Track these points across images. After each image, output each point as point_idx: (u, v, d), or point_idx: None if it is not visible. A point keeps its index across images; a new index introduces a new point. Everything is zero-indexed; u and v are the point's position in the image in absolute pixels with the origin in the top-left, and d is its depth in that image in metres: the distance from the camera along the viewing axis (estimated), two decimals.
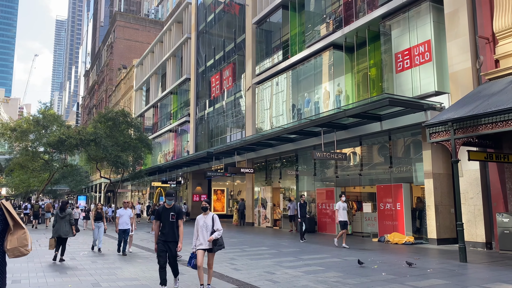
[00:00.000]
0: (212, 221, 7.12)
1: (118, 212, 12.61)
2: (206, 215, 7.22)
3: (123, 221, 12.45)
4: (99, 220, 13.65)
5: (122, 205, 12.95)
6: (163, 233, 7.32)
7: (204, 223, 7.12)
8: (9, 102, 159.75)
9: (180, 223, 7.41)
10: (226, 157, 26.84)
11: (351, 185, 19.59)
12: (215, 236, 6.98)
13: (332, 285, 7.72)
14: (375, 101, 13.61)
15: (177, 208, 7.47)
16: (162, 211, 7.43)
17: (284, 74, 22.96)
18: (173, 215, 7.35)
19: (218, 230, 7.07)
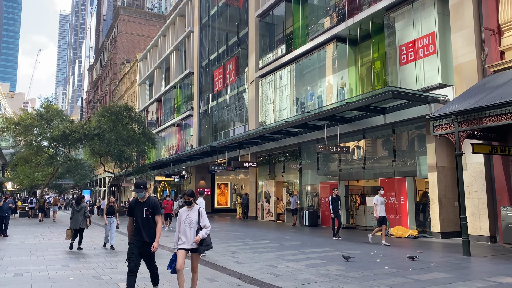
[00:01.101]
0: (198, 216, 6.06)
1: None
2: (191, 208, 6.16)
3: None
4: (112, 214, 12.69)
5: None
6: (137, 232, 6.17)
7: (187, 217, 6.07)
8: (14, 97, 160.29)
9: (157, 219, 6.27)
10: (229, 151, 26.81)
11: (354, 179, 19.51)
12: (202, 235, 5.91)
13: (333, 278, 7.69)
14: (379, 94, 13.50)
15: (151, 202, 6.29)
16: (134, 206, 6.28)
17: (288, 67, 22.84)
18: (147, 210, 6.21)
19: (206, 227, 6.00)
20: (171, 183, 40.22)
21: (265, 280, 7.57)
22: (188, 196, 6.18)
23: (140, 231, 6.15)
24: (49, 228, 19.54)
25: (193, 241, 5.90)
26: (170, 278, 7.78)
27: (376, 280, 7.53)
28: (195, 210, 6.14)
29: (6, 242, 13.50)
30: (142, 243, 6.13)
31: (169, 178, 36.80)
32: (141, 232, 6.14)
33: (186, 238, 6.00)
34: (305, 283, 7.35)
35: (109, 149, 30.22)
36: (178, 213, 6.21)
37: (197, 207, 6.15)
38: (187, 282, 6.69)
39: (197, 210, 6.11)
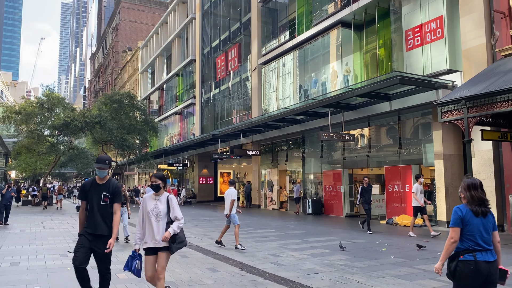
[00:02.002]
0: (167, 206, 4.87)
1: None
2: (159, 196, 4.94)
3: None
4: (123, 204, 11.43)
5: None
6: (90, 222, 4.91)
7: (154, 207, 4.83)
8: (16, 85, 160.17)
9: (116, 208, 5.01)
10: (232, 139, 26.55)
11: (358, 167, 19.23)
12: (174, 230, 4.72)
13: (338, 268, 7.46)
14: (385, 80, 13.14)
15: (112, 186, 5.04)
16: (89, 188, 5.01)
17: (291, 54, 22.42)
18: (106, 196, 4.97)
19: (178, 220, 4.82)
20: (174, 172, 40.09)
21: (268, 270, 7.35)
22: (157, 178, 4.93)
23: (94, 221, 4.88)
24: (50, 217, 19.43)
25: (161, 238, 4.71)
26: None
27: (382, 270, 7.30)
28: (164, 198, 4.92)
29: (6, 231, 13.36)
30: (94, 237, 4.85)
31: (171, 167, 36.66)
32: (95, 223, 4.87)
33: (152, 234, 4.76)
34: (309, 273, 7.13)
35: (111, 137, 30.04)
36: (143, 201, 4.98)
37: (166, 195, 4.97)
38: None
39: (166, 198, 4.92)
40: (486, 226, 3.51)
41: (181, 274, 7.05)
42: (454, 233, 3.51)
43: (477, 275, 3.40)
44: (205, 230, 13.70)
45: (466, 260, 3.45)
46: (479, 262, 3.41)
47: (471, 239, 3.47)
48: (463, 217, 3.52)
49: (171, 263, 7.96)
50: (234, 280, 6.63)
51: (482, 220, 3.51)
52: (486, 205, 3.55)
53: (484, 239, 3.48)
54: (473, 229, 3.47)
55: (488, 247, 3.48)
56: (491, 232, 3.54)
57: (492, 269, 3.45)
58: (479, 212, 3.51)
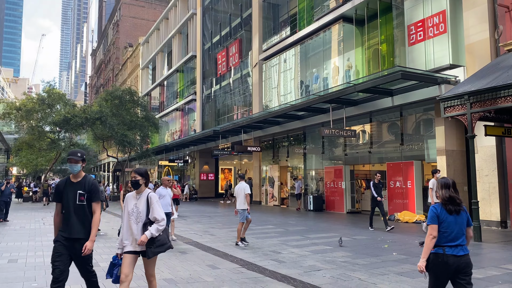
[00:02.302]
0: (146, 206, 4.37)
1: (158, 192, 9.96)
2: (139, 194, 4.45)
3: (166, 202, 10.01)
4: None
5: (162, 183, 10.45)
6: (65, 225, 4.41)
7: (134, 208, 4.39)
8: (18, 82, 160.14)
9: (95, 208, 4.51)
10: (233, 136, 26.44)
11: (360, 163, 19.14)
12: (151, 233, 4.23)
13: (340, 265, 7.37)
14: (387, 75, 13.01)
15: (88, 183, 4.52)
16: (64, 188, 4.50)
17: (292, 49, 22.27)
18: (81, 194, 4.45)
19: (158, 221, 4.31)
20: (175, 168, 40.03)
21: (268, 267, 7.27)
22: (137, 174, 4.45)
23: (70, 223, 4.38)
24: (51, 213, 19.37)
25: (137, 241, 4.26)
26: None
27: (385, 267, 7.21)
28: (143, 197, 4.40)
29: (5, 227, 13.30)
30: (71, 242, 4.36)
31: (172, 163, 36.59)
32: (71, 225, 4.37)
33: (131, 236, 4.33)
34: (310, 270, 7.04)
35: (112, 133, 29.96)
36: (125, 200, 4.53)
37: (147, 193, 4.43)
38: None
39: (146, 197, 4.39)
40: (460, 223, 3.79)
41: (180, 271, 6.97)
42: (432, 230, 3.78)
43: (445, 267, 3.71)
44: (205, 227, 13.63)
45: (436, 252, 3.75)
46: (448, 255, 3.71)
47: (444, 235, 3.75)
48: (438, 214, 3.80)
49: (170, 260, 7.88)
50: (234, 277, 6.55)
51: (456, 218, 3.78)
52: (458, 203, 3.80)
53: (457, 235, 3.76)
54: (447, 226, 3.76)
55: (460, 243, 3.75)
56: (465, 228, 3.82)
57: (461, 262, 3.70)
58: (453, 210, 3.79)
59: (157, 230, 4.27)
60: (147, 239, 4.22)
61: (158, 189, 10.17)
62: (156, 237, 4.27)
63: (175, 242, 10.10)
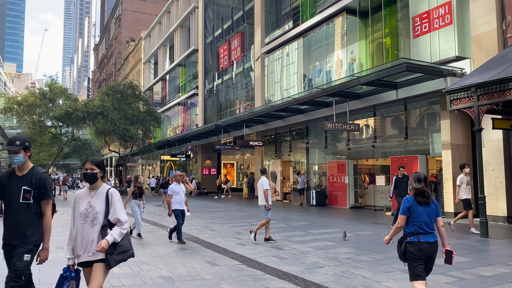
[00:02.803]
0: (105, 205, 3.60)
1: (172, 188, 9.47)
2: (95, 190, 3.65)
3: (180, 199, 9.45)
4: (140, 197, 10.71)
5: (174, 179, 9.88)
6: (5, 227, 3.68)
7: (89, 207, 3.58)
8: (21, 77, 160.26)
9: (45, 208, 3.76)
10: (235, 130, 26.22)
11: (363, 158, 18.88)
12: (114, 238, 3.51)
13: (343, 262, 7.16)
14: (391, 67, 12.72)
15: (36, 178, 3.72)
16: (6, 182, 3.73)
17: (295, 42, 21.96)
18: (27, 191, 3.67)
19: (121, 224, 3.59)
20: (177, 163, 39.88)
21: (269, 264, 7.06)
22: (93, 165, 3.63)
23: (9, 226, 3.63)
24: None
25: (96, 248, 3.47)
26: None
27: (389, 264, 6.99)
28: (102, 194, 3.64)
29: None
30: (12, 248, 3.64)
31: (175, 158, 36.43)
32: (11, 228, 3.62)
33: (85, 244, 3.54)
34: (313, 267, 6.83)
35: (114, 128, 29.79)
36: (74, 199, 3.72)
37: (106, 189, 3.65)
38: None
39: (105, 194, 3.62)
40: (429, 214, 4.19)
41: (178, 268, 6.77)
42: (401, 220, 4.26)
43: (420, 253, 4.13)
44: (206, 222, 13.44)
45: (411, 241, 4.18)
46: (422, 242, 4.14)
47: (416, 224, 4.18)
48: (409, 206, 4.22)
49: (169, 257, 7.69)
50: (234, 275, 6.34)
51: (426, 209, 4.19)
52: (427, 196, 4.20)
53: (427, 224, 4.18)
54: (417, 216, 4.16)
55: (430, 231, 4.18)
56: (433, 218, 4.24)
57: (433, 248, 4.19)
58: (422, 202, 4.19)
59: (120, 235, 3.56)
60: (109, 245, 3.48)
61: (171, 185, 9.65)
62: (118, 243, 3.55)
63: (185, 244, 9.27)
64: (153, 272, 6.47)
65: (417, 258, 4.15)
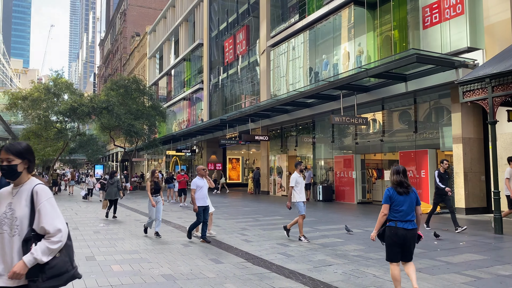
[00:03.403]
0: (29, 208, 2.58)
1: (195, 183, 8.83)
2: (17, 187, 2.66)
3: (203, 195, 8.86)
4: (157, 193, 9.94)
5: (197, 173, 9.25)
6: None
7: (8, 211, 2.59)
8: (27, 73, 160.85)
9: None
10: (240, 125, 25.93)
11: (371, 152, 18.52)
12: (35, 259, 2.45)
13: (352, 260, 6.86)
14: (401, 59, 12.34)
15: None
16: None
17: (301, 35, 21.56)
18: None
19: (49, 235, 2.52)
20: (182, 158, 39.69)
21: (275, 262, 6.78)
22: (10, 154, 2.61)
23: None
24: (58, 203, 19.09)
25: (14, 269, 2.45)
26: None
27: None
28: (26, 192, 2.62)
29: None
30: None
31: (180, 153, 36.23)
32: None
33: (6, 259, 2.53)
34: (321, 265, 6.54)
35: (119, 123, 29.64)
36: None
37: (32, 185, 2.63)
38: None
39: (30, 193, 2.60)
40: (409, 202, 4.59)
41: (181, 266, 6.51)
42: (384, 208, 4.66)
43: (395, 237, 4.56)
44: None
45: (389, 226, 4.62)
46: (398, 228, 4.55)
47: (396, 212, 4.59)
48: (390, 196, 4.65)
49: (171, 254, 7.43)
50: (238, 273, 6.07)
51: (405, 198, 4.60)
52: (406, 186, 4.62)
53: (407, 212, 4.57)
54: (397, 204, 4.58)
55: (409, 219, 4.57)
56: (413, 206, 4.63)
57: (409, 234, 4.55)
58: (402, 192, 4.61)
59: (47, 252, 2.48)
60: (26, 268, 2.44)
61: (194, 179, 8.95)
62: (47, 262, 2.49)
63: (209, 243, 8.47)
64: (154, 270, 6.21)
65: (393, 243, 4.60)
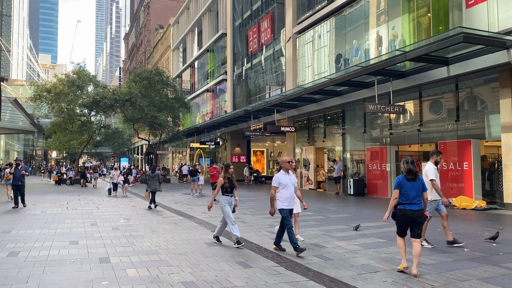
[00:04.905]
0: None
1: (278, 179, 6.86)
2: None
3: (289, 194, 6.80)
4: (231, 192, 7.69)
5: (282, 166, 7.06)
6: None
7: None
8: (55, 68, 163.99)
9: None
10: (265, 115, 25.04)
11: (406, 143, 17.32)
12: None
13: None
14: (445, 39, 11.14)
15: None
16: None
17: (328, 21, 20.41)
18: None
19: None
20: (206, 151, 39.15)
21: (312, 267, 5.90)
22: None
23: None
24: (79, 196, 18.76)
25: None
26: None
27: (460, 269, 5.69)
28: None
29: (26, 212, 12.51)
30: None
31: (204, 145, 35.67)
32: None
33: None
34: (365, 271, 5.63)
35: (142, 115, 29.28)
36: None
37: None
38: None
39: None
40: (416, 188, 5.47)
41: (204, 271, 5.71)
42: (395, 193, 5.53)
43: (404, 217, 5.46)
44: (236, 213, 12.36)
45: (400, 208, 5.48)
46: (407, 210, 5.43)
47: (405, 196, 5.46)
48: (400, 182, 5.53)
49: (194, 255, 6.65)
50: (271, 281, 5.22)
51: (413, 184, 5.48)
52: (414, 173, 5.49)
53: (413, 196, 5.44)
54: (406, 189, 5.46)
55: (416, 201, 5.43)
56: (420, 192, 5.49)
57: (416, 214, 5.42)
58: (410, 179, 5.49)
59: None
60: None
61: (277, 175, 6.97)
62: None
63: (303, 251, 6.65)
64: (174, 276, 5.43)
65: (402, 222, 5.52)
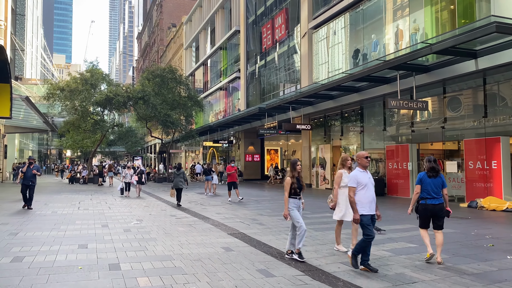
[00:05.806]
0: None
1: (355, 178, 5.92)
2: None
3: (370, 196, 5.77)
4: (298, 195, 6.49)
5: (358, 163, 6.14)
6: None
7: None
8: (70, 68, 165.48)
9: None
10: (279, 113, 24.48)
11: (429, 141, 16.59)
12: None
13: (440, 275, 5.33)
14: (475, 29, 10.46)
15: None
16: None
17: (346, 15, 19.74)
18: None
19: None
20: (219, 149, 38.74)
21: (340, 276, 5.34)
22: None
23: None
24: (91, 196, 18.44)
25: None
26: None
27: (508, 280, 5.08)
28: None
29: (36, 213, 12.16)
30: None
31: (217, 144, 35.25)
32: None
33: None
34: (402, 282, 5.05)
35: (155, 113, 29.01)
36: None
37: None
38: None
39: None
40: (436, 184, 6.03)
41: (223, 280, 5.19)
42: (417, 188, 6.16)
43: (426, 211, 6.07)
44: (252, 213, 11.89)
45: (422, 203, 6.10)
46: (428, 204, 6.02)
47: (426, 191, 6.05)
48: (421, 178, 6.15)
49: (211, 261, 6.14)
50: None
51: (433, 180, 6.05)
52: (436, 171, 6.09)
53: (434, 191, 6.01)
54: (427, 185, 6.04)
55: (436, 196, 6.00)
56: (440, 188, 6.05)
57: (436, 208, 6.00)
58: (431, 176, 6.08)
59: None
60: None
61: (353, 172, 6.10)
62: None
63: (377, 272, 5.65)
64: (190, 286, 4.92)
65: (424, 215, 6.07)
